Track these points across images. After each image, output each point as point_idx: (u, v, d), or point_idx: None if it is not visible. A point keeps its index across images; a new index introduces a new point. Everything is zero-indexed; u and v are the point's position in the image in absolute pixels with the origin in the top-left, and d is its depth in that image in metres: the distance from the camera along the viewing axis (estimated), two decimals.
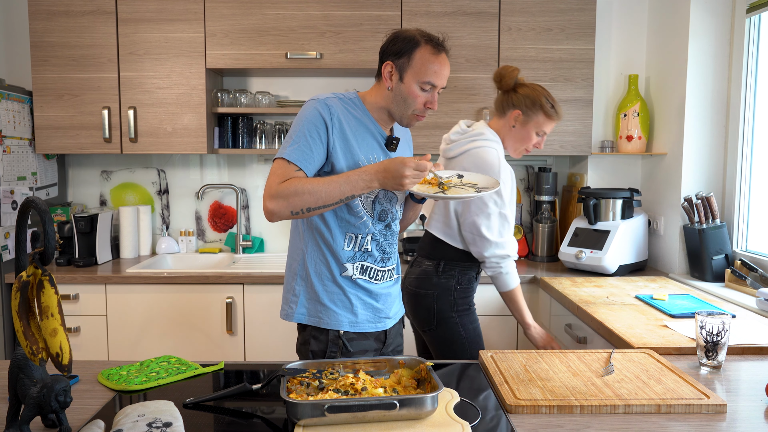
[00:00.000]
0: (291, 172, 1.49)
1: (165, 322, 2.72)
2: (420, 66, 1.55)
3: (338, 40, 2.87)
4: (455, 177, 1.67)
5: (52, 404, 1.09)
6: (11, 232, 2.75)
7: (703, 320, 1.49)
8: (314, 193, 1.46)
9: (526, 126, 2.01)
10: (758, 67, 2.52)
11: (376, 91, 1.63)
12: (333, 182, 1.47)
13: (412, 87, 1.56)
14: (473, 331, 2.03)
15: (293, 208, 1.47)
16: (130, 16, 2.85)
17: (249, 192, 3.32)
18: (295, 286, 1.65)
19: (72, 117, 2.89)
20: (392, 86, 1.58)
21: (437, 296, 2.01)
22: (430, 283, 2.03)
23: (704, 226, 2.53)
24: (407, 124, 1.63)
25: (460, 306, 2.02)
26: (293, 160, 1.50)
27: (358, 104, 1.61)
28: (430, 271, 2.04)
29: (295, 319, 1.65)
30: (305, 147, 1.51)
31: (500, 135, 2.04)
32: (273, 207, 1.47)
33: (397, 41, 1.58)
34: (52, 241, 1.04)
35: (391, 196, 1.66)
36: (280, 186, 1.47)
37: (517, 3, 2.88)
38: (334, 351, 1.62)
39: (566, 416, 1.24)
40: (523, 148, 2.05)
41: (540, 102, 1.98)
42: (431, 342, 2.05)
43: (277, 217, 1.49)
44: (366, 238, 1.62)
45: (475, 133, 2.01)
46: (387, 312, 1.69)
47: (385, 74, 1.58)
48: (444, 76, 1.58)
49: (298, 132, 1.53)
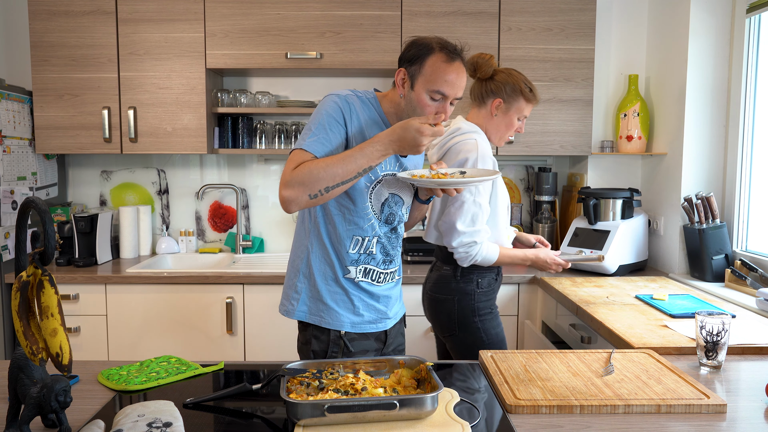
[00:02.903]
0: (307, 158, 1.46)
1: (165, 322, 2.72)
2: (431, 74, 1.50)
3: (338, 40, 2.87)
4: (458, 173, 1.67)
5: (52, 404, 1.09)
6: (11, 232, 2.75)
7: (703, 320, 1.49)
8: (330, 172, 1.40)
9: (507, 113, 1.98)
10: (758, 67, 2.52)
11: (391, 96, 1.61)
12: (347, 157, 1.42)
13: (421, 96, 1.52)
14: (496, 336, 2.00)
15: (311, 191, 1.41)
16: (130, 16, 2.85)
17: (249, 192, 3.32)
18: (297, 283, 1.65)
19: (72, 117, 2.89)
20: (404, 93, 1.56)
21: (457, 301, 1.98)
22: (449, 288, 1.99)
23: (704, 226, 2.53)
24: None
25: (482, 310, 1.99)
26: (312, 150, 1.46)
27: (374, 104, 1.60)
28: (448, 275, 2.00)
29: (295, 317, 1.64)
30: (324, 138, 1.48)
31: (482, 125, 2.01)
32: (289, 194, 1.42)
33: (412, 47, 1.55)
34: (52, 241, 1.04)
35: (398, 200, 1.66)
36: (294, 172, 1.42)
37: (517, 3, 2.88)
38: (335, 351, 1.62)
39: (566, 416, 1.24)
40: (507, 135, 2.03)
41: (520, 87, 1.96)
42: (453, 347, 2.03)
43: (296, 205, 1.43)
44: (372, 241, 1.62)
45: (452, 130, 1.99)
46: (388, 312, 1.69)
47: (398, 81, 1.56)
48: (457, 87, 1.52)
49: (318, 124, 1.50)
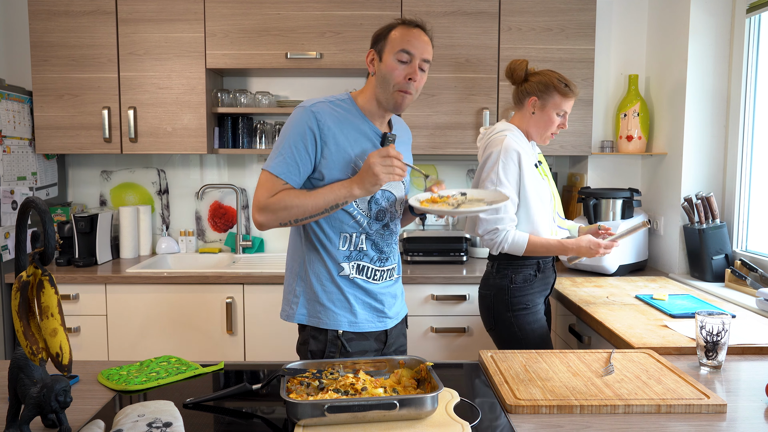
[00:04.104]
0: (279, 185, 1.54)
1: (165, 322, 2.72)
2: (393, 40, 1.58)
3: (338, 40, 2.87)
4: (458, 195, 1.70)
5: (52, 404, 1.09)
6: (11, 232, 2.75)
7: (703, 320, 1.49)
8: (301, 207, 1.52)
9: (544, 109, 2.03)
10: (758, 67, 2.52)
11: (366, 88, 1.65)
12: (318, 194, 1.52)
13: (389, 62, 1.57)
14: (531, 333, 2.02)
15: (281, 220, 1.54)
16: (130, 16, 2.85)
17: (249, 192, 3.32)
18: (295, 287, 1.67)
19: (72, 117, 2.89)
20: (375, 70, 1.61)
21: (494, 296, 2.06)
22: (488, 284, 2.09)
23: (704, 226, 2.53)
24: (395, 104, 1.59)
25: (516, 306, 2.02)
26: (278, 173, 1.54)
27: (349, 105, 1.62)
28: (488, 271, 2.11)
29: (295, 320, 1.66)
30: (290, 160, 1.54)
31: (522, 126, 2.08)
32: (262, 219, 1.55)
33: (377, 31, 1.64)
34: (52, 241, 1.04)
35: (389, 195, 1.66)
36: (270, 200, 1.53)
37: (517, 3, 2.88)
38: (333, 351, 1.62)
39: (566, 416, 1.24)
40: (548, 132, 2.07)
41: (553, 83, 2.01)
42: (495, 342, 2.12)
43: (266, 228, 1.57)
44: (360, 237, 1.63)
45: (491, 131, 2.09)
46: (387, 312, 1.69)
47: (368, 63, 1.63)
48: (421, 45, 1.58)
49: (284, 144, 1.56)
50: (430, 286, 2.70)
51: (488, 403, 1.31)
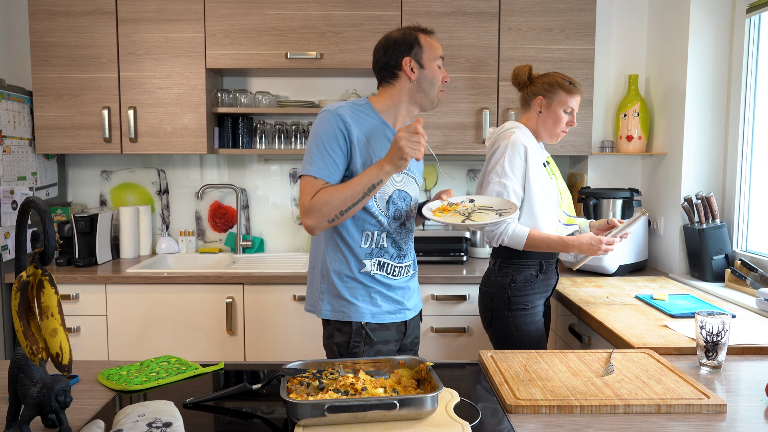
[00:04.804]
0: (319, 186, 1.59)
1: (165, 322, 2.72)
2: (428, 47, 1.71)
3: (338, 40, 2.87)
4: (467, 202, 1.72)
5: (52, 404, 1.09)
6: (11, 232, 2.75)
7: (703, 320, 1.49)
8: (341, 197, 1.55)
9: (551, 107, 2.06)
10: (758, 67, 2.52)
11: (387, 94, 1.73)
12: (354, 181, 1.57)
13: (433, 67, 1.71)
14: (528, 334, 2.02)
15: (329, 217, 1.57)
16: (130, 16, 2.85)
17: (249, 192, 3.32)
18: (321, 285, 1.73)
19: (72, 117, 2.89)
20: (416, 77, 1.70)
21: (493, 294, 2.07)
22: (489, 281, 2.11)
23: (704, 226, 2.53)
24: (437, 103, 1.77)
25: (515, 305, 2.02)
26: (317, 174, 1.59)
27: (369, 110, 1.70)
28: (490, 269, 2.13)
29: (321, 315, 1.73)
30: (327, 159, 1.60)
31: (531, 126, 2.10)
32: (311, 222, 1.59)
33: (397, 41, 1.70)
34: (52, 241, 1.04)
35: (405, 196, 1.74)
36: (312, 201, 1.58)
37: (517, 3, 2.88)
38: (358, 341, 1.69)
39: (566, 416, 1.24)
40: (557, 130, 2.08)
41: (557, 81, 2.05)
42: (491, 340, 2.12)
43: (318, 230, 1.61)
44: (381, 235, 1.71)
45: (500, 128, 2.11)
46: (406, 304, 1.77)
47: (407, 70, 1.69)
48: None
49: (317, 145, 1.62)
50: (430, 286, 2.70)
51: (488, 403, 1.31)
